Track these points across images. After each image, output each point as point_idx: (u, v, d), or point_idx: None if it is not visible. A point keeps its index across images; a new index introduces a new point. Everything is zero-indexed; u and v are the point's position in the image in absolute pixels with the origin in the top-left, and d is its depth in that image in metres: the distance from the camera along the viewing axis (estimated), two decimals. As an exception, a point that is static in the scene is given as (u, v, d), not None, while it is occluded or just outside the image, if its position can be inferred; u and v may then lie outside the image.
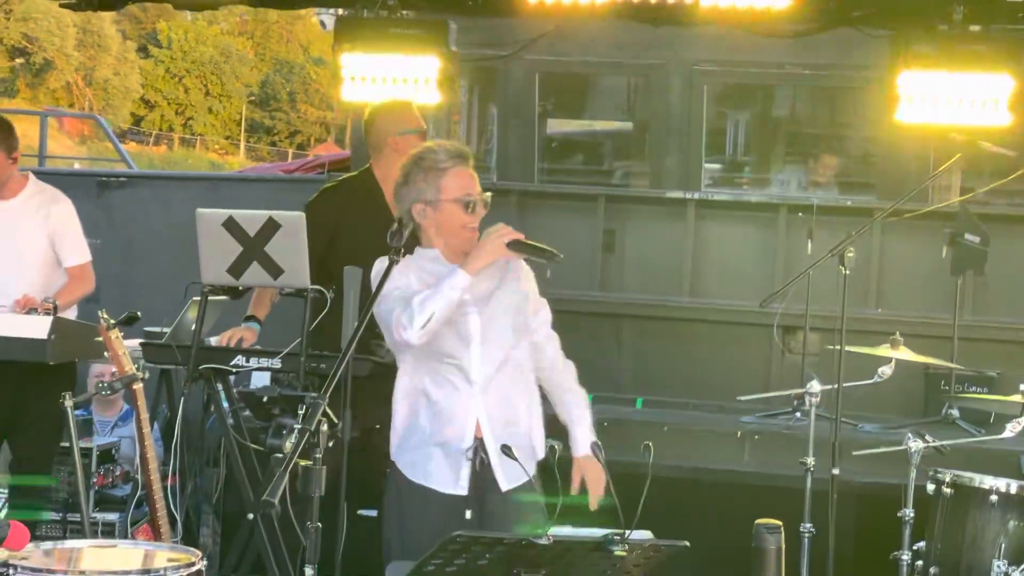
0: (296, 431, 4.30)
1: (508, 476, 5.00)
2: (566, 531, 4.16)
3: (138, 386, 6.20)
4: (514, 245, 5.03)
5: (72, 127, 49.11)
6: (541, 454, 5.16)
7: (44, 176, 7.63)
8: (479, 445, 4.99)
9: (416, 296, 4.88)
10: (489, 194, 5.15)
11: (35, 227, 7.15)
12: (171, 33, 57.84)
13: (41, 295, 7.03)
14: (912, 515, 6.32)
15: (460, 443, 4.98)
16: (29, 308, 6.84)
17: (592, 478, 5.07)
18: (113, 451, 8.19)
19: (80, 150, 36.27)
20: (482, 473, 4.99)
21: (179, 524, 6.62)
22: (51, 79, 52.58)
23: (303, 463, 4.31)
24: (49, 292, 7.08)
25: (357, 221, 6.62)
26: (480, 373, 5.02)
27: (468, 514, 4.96)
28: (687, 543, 4.18)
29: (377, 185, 6.74)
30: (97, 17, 50.00)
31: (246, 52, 59.57)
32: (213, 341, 6.87)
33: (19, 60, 51.55)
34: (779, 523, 5.13)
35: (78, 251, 7.26)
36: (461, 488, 4.98)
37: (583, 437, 5.20)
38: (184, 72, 57.71)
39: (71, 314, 7.12)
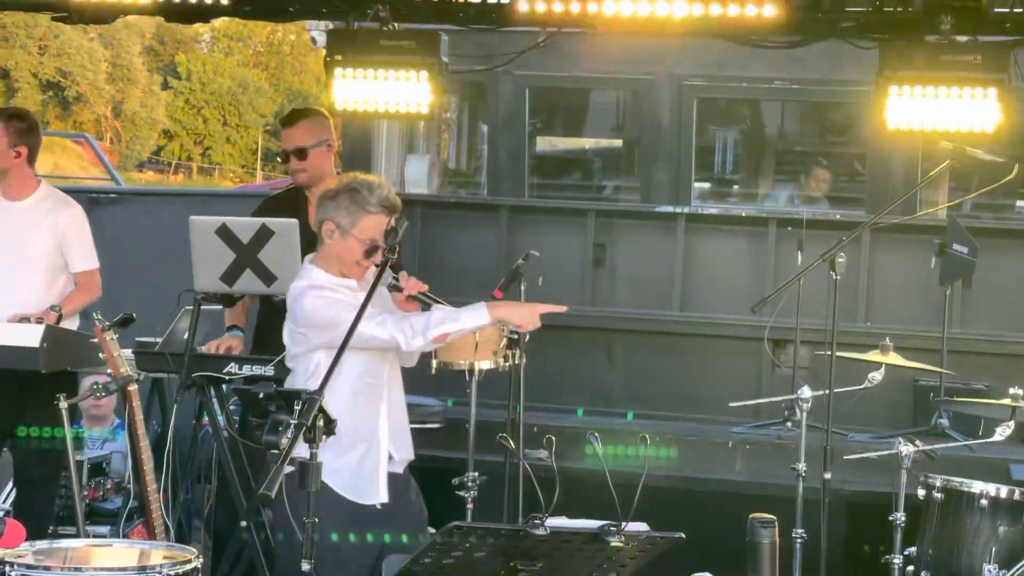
0: (292, 427, 4.32)
1: None
2: (563, 522, 4.18)
3: (133, 387, 6.21)
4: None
5: (92, 153, 49.73)
6: None
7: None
8: None
9: (437, 312, 5.33)
10: (395, 254, 5.33)
11: (44, 230, 7.18)
12: (190, 65, 59.40)
13: (43, 298, 7.06)
14: (903, 519, 6.36)
15: None
16: (22, 317, 6.86)
17: None
18: (104, 464, 8.18)
19: (57, 168, 36.51)
20: None
21: (172, 533, 6.62)
22: (79, 111, 54.25)
23: (299, 459, 4.33)
24: (51, 296, 7.11)
25: None
26: None
27: None
28: (682, 535, 4.20)
29: (303, 196, 6.85)
30: (126, 52, 53.63)
31: (261, 83, 60.88)
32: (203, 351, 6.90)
33: (49, 93, 53.11)
34: (773, 517, 5.16)
35: (88, 257, 7.31)
36: None
37: None
38: (203, 103, 59.16)
39: (74, 323, 7.13)
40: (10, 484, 7.60)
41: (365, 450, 5.37)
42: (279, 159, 6.90)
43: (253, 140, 60.35)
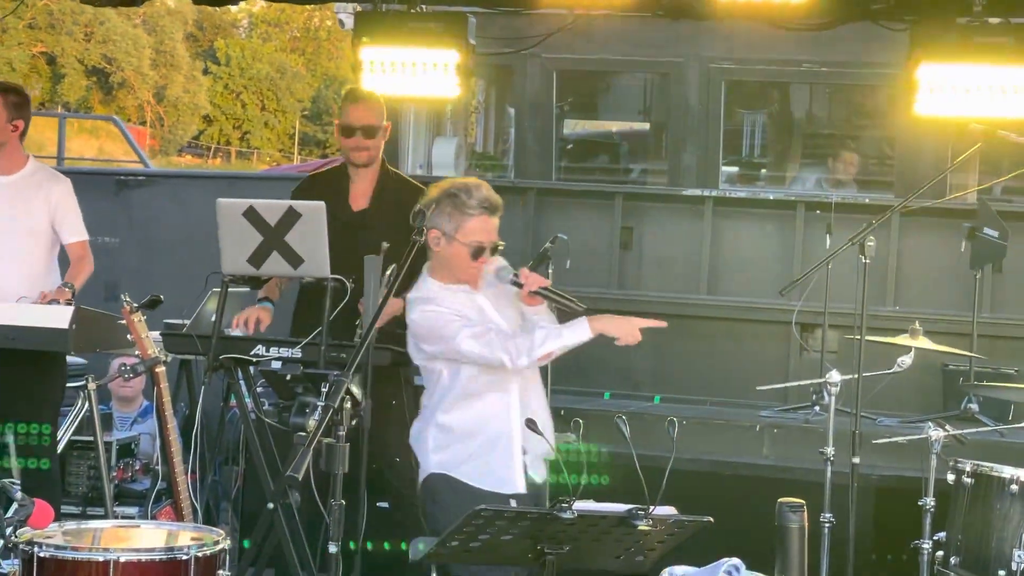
0: (319, 409, 4.31)
1: None
2: (590, 506, 4.17)
3: (160, 369, 6.22)
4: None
5: (140, 138, 51.19)
6: None
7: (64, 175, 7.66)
8: None
9: (540, 331, 5.37)
10: (502, 244, 5.51)
11: (39, 203, 7.21)
12: (229, 51, 59.81)
13: (45, 271, 7.09)
14: (933, 504, 6.32)
15: None
16: (50, 299, 6.88)
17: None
18: (132, 446, 8.19)
19: (102, 152, 36.91)
20: None
21: (199, 514, 6.63)
22: (121, 96, 55.01)
23: (326, 441, 4.32)
24: (52, 270, 7.14)
25: None
26: None
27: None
28: (711, 519, 4.18)
29: (346, 176, 6.83)
30: (170, 38, 54.40)
31: (299, 69, 61.39)
32: (234, 332, 6.90)
33: (93, 79, 54.09)
34: (802, 502, 5.13)
35: (81, 229, 7.32)
36: None
37: None
38: (242, 88, 59.59)
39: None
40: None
41: (495, 442, 5.43)
42: (342, 135, 6.81)
43: (291, 125, 61.16)
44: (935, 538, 6.36)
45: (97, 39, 52.88)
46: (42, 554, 4.49)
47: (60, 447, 7.43)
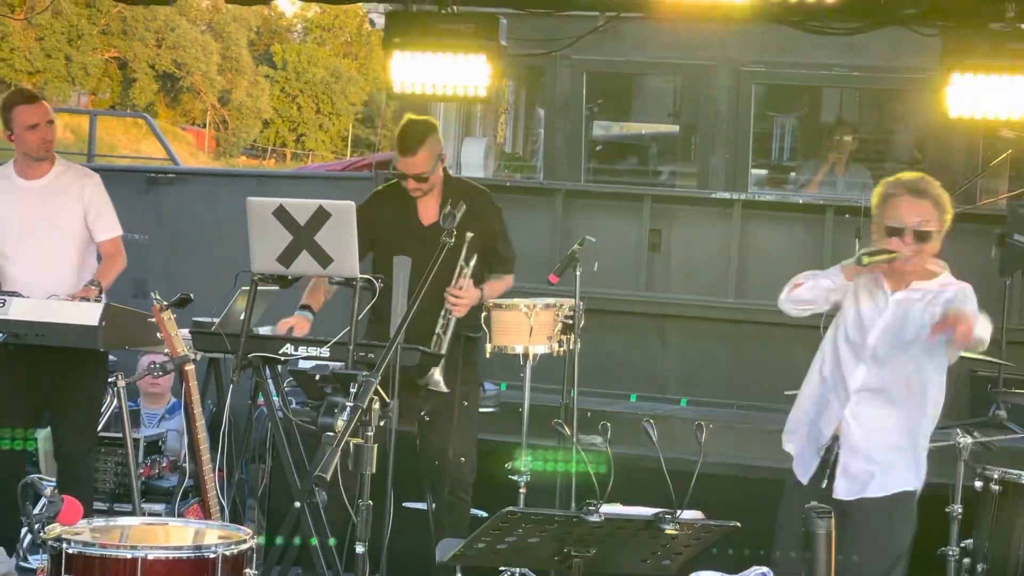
0: (348, 409, 4.32)
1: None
2: (617, 509, 4.17)
3: (189, 367, 6.24)
4: None
5: (200, 141, 55.18)
6: None
7: (94, 171, 7.68)
8: None
9: None
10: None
11: (71, 203, 7.22)
12: (285, 55, 62.10)
13: (78, 273, 7.11)
14: (960, 511, 6.30)
15: None
16: (82, 297, 6.91)
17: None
18: (160, 442, 8.22)
19: (131, 149, 37.51)
20: None
21: (226, 512, 6.65)
22: (186, 100, 57.70)
23: (354, 441, 4.33)
24: (85, 270, 7.16)
25: (390, 224, 6.83)
26: None
27: None
28: (738, 524, 4.18)
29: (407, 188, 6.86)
30: (235, 44, 57.29)
31: (352, 73, 63.25)
32: (263, 331, 6.91)
33: (159, 84, 56.66)
34: (829, 508, 5.11)
35: (113, 225, 7.33)
36: None
37: None
38: (298, 92, 61.77)
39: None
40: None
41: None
42: (398, 179, 6.88)
43: (344, 127, 62.79)
44: (962, 545, 6.35)
45: (168, 45, 55.17)
46: (70, 550, 4.51)
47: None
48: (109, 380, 6.78)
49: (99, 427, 7.57)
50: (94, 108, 49.71)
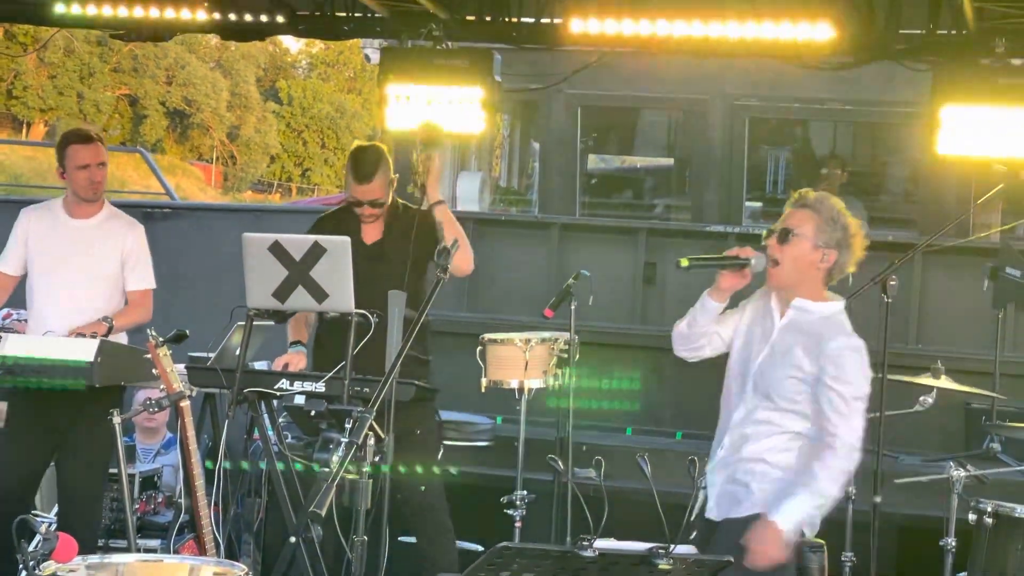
0: (343, 444, 4.33)
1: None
2: (611, 544, 4.17)
3: (185, 403, 6.25)
4: None
5: (208, 176, 56.31)
6: None
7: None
8: None
9: None
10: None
11: (112, 247, 7.24)
12: (291, 91, 62.67)
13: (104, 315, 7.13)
14: (954, 544, 6.31)
15: None
16: (78, 333, 6.92)
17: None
18: (155, 478, 8.21)
19: (141, 185, 37.79)
20: None
21: (222, 548, 6.65)
22: (195, 136, 58.41)
23: (349, 477, 4.34)
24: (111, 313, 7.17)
25: None
26: None
27: None
28: (731, 559, 4.19)
29: (355, 215, 6.89)
30: (244, 81, 57.87)
31: (356, 108, 63.75)
32: (258, 366, 6.92)
33: (169, 120, 57.27)
34: (822, 542, 5.13)
35: (146, 278, 7.35)
36: None
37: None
38: (303, 127, 62.15)
39: (121, 339, 7.17)
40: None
41: None
42: (351, 205, 6.91)
43: None
44: (956, 578, 6.37)
45: (178, 82, 55.71)
46: (66, 588, 4.51)
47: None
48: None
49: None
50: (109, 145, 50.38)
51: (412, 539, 7.13)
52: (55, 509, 7.53)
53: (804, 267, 5.26)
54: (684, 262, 5.33)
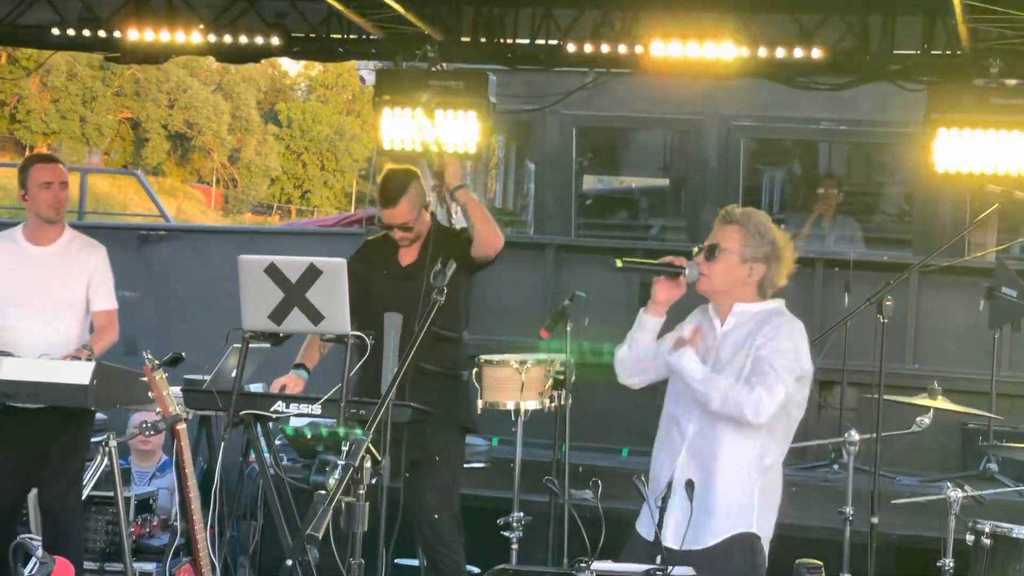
0: (340, 467, 4.32)
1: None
2: (608, 566, 4.18)
3: (181, 426, 6.23)
4: None
5: (209, 198, 56.99)
6: None
7: (87, 229, 7.71)
8: None
9: None
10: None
11: (77, 272, 7.23)
12: (290, 113, 63.09)
13: (78, 341, 7.12)
14: (952, 565, 6.30)
15: None
16: (73, 357, 6.91)
17: None
18: (151, 501, 8.20)
19: (143, 207, 37.96)
20: None
21: (218, 571, 6.63)
22: (196, 159, 58.99)
23: (346, 500, 4.33)
24: (83, 338, 7.16)
25: (376, 271, 6.83)
26: None
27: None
28: (728, 581, 4.19)
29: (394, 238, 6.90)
30: (245, 104, 58.42)
31: (355, 130, 63.96)
32: (254, 388, 6.90)
33: (171, 143, 57.77)
34: (819, 563, 5.11)
35: (110, 298, 7.36)
36: None
37: None
38: (303, 149, 62.70)
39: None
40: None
41: None
42: (381, 229, 6.94)
43: (348, 184, 63.59)
44: (954, 599, 6.35)
45: (180, 105, 56.22)
46: (62, 611, 4.50)
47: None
48: (99, 439, 6.77)
49: (90, 486, 7.54)
50: (107, 167, 50.49)
51: (411, 561, 7.12)
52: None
53: (732, 282, 5.35)
54: (619, 262, 5.37)
